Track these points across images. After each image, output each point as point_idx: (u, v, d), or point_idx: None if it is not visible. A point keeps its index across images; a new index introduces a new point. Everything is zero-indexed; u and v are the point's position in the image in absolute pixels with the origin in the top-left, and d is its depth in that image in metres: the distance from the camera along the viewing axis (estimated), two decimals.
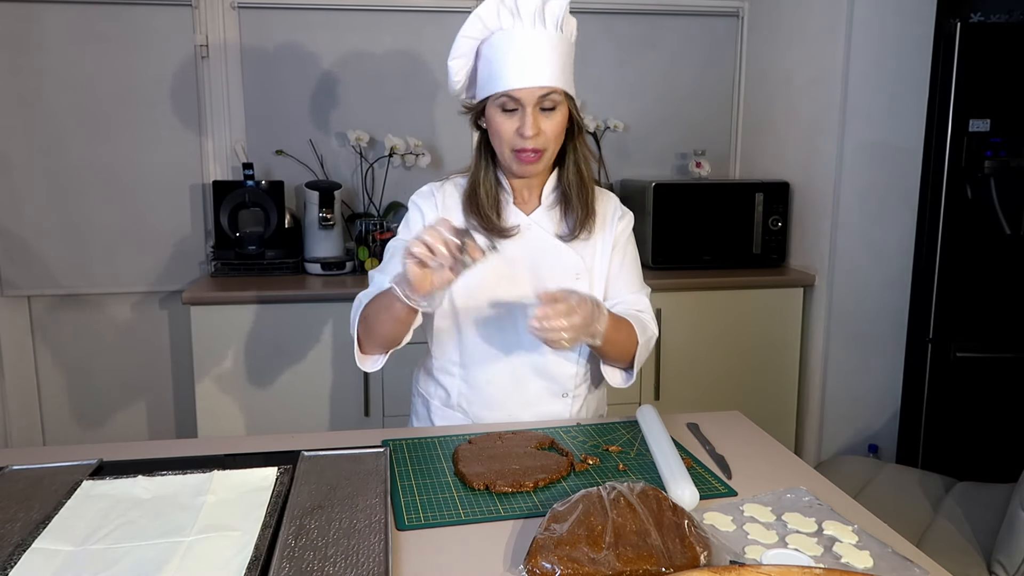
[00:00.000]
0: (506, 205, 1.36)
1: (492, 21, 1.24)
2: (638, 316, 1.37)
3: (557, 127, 1.27)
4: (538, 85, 1.22)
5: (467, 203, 1.35)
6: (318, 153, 2.75)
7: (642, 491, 0.91)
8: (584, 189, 1.35)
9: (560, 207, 1.37)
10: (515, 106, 1.24)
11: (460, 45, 1.28)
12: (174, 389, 2.79)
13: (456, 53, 1.29)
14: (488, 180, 1.34)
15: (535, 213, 1.36)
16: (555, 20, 1.23)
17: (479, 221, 1.32)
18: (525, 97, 1.22)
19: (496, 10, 1.23)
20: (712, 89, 2.98)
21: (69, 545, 0.88)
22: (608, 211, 1.41)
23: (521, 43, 1.22)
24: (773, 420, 2.58)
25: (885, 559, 0.86)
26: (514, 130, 1.25)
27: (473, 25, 1.25)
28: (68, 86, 2.58)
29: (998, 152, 2.24)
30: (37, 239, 2.63)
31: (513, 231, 1.33)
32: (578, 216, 1.34)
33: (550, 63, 1.23)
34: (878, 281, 2.47)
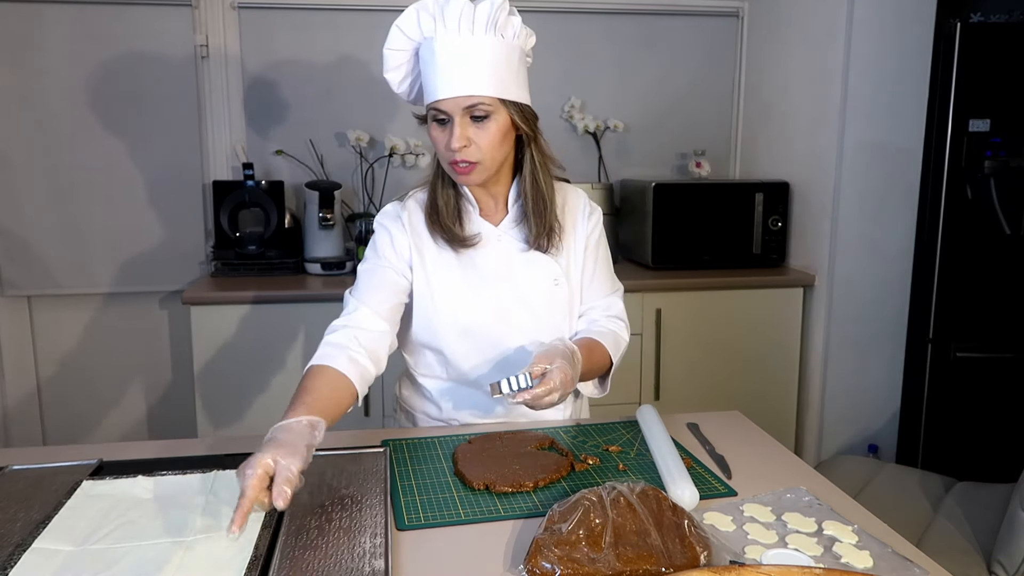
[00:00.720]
0: (471, 217, 1.31)
1: (413, 30, 1.20)
2: (611, 330, 1.36)
3: (491, 137, 1.20)
4: (462, 95, 1.16)
5: (429, 217, 1.30)
6: (318, 153, 2.75)
7: (642, 491, 0.91)
8: (542, 202, 1.30)
9: (526, 218, 1.32)
10: (445, 117, 1.19)
11: (388, 58, 1.24)
12: (174, 389, 2.79)
13: (388, 66, 1.25)
14: (446, 191, 1.30)
15: (503, 223, 1.32)
16: (486, 24, 1.17)
17: (442, 233, 1.29)
18: (451, 108, 1.17)
19: (416, 18, 1.19)
20: (712, 89, 2.98)
21: (69, 545, 0.88)
22: (577, 209, 1.38)
23: (444, 51, 1.17)
24: (773, 420, 2.58)
25: (885, 559, 0.86)
26: (445, 142, 1.20)
27: (394, 37, 1.22)
28: (68, 86, 2.58)
29: (998, 152, 2.24)
30: (37, 239, 2.63)
31: (474, 240, 1.29)
32: (537, 230, 1.30)
33: (477, 70, 1.16)
34: (878, 281, 2.47)
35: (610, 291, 1.42)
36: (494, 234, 1.31)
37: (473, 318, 1.30)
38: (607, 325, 1.37)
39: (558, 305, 1.33)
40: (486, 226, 1.32)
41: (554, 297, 1.32)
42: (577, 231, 1.37)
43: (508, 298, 1.30)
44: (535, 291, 1.31)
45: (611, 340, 1.34)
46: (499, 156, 1.24)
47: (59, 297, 2.69)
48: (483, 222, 1.32)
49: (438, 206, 1.29)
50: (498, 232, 1.32)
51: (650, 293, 2.47)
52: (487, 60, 1.17)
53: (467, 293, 1.30)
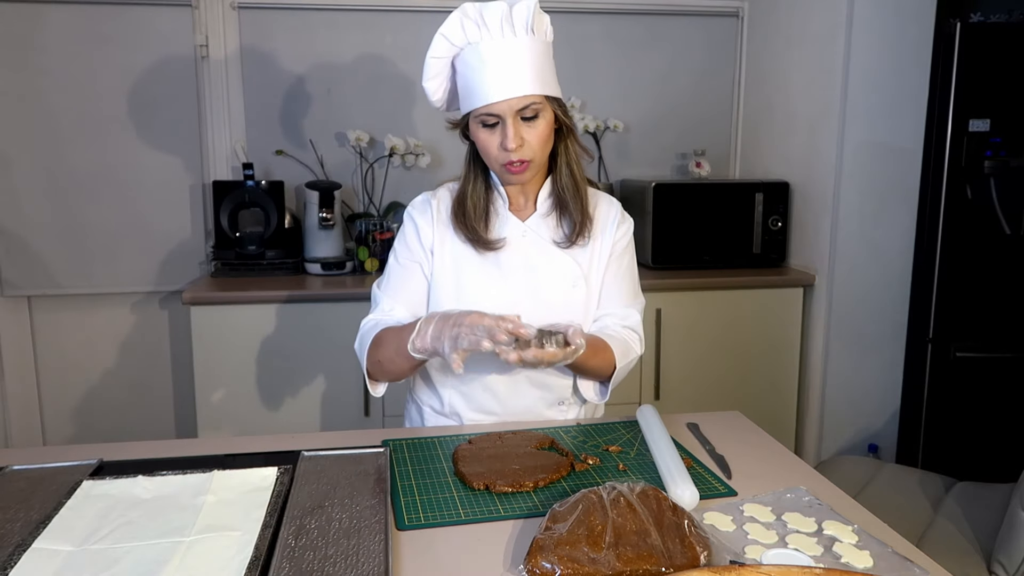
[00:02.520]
0: (500, 213, 1.34)
1: (458, 37, 1.22)
2: (623, 337, 1.35)
3: (541, 135, 1.24)
4: (515, 96, 1.19)
5: (455, 214, 1.33)
6: (318, 153, 2.75)
7: (642, 491, 0.91)
8: (579, 192, 1.33)
9: (556, 212, 1.34)
10: (495, 120, 1.22)
11: (431, 66, 1.26)
12: (174, 389, 2.79)
13: (429, 74, 1.27)
14: (477, 192, 1.32)
15: (531, 219, 1.34)
16: (524, 24, 1.20)
17: (465, 232, 1.31)
18: (503, 110, 1.20)
19: (460, 25, 1.20)
20: (712, 89, 2.98)
21: (69, 545, 0.88)
22: (609, 216, 1.38)
23: (492, 55, 1.19)
24: (773, 420, 2.58)
25: (885, 559, 0.86)
26: (498, 144, 1.22)
27: (439, 45, 1.23)
28: (68, 86, 2.58)
29: (998, 152, 2.24)
30: (37, 239, 2.63)
31: (499, 244, 1.31)
32: (575, 221, 1.32)
33: (524, 71, 1.20)
34: (878, 281, 2.47)
35: (630, 303, 1.41)
36: (520, 230, 1.33)
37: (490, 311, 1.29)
38: (620, 333, 1.36)
39: (575, 307, 1.33)
40: (513, 221, 1.34)
41: (571, 298, 1.33)
42: (605, 236, 1.37)
43: (525, 296, 1.31)
44: (553, 291, 1.32)
45: (620, 346, 1.32)
46: (547, 151, 1.28)
47: (59, 297, 2.69)
48: (511, 217, 1.34)
49: (466, 206, 1.32)
50: (524, 228, 1.33)
51: (650, 293, 2.45)
52: (531, 60, 1.21)
53: (485, 287, 1.31)
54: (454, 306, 1.30)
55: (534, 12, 1.20)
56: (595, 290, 1.36)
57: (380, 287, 1.37)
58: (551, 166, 1.34)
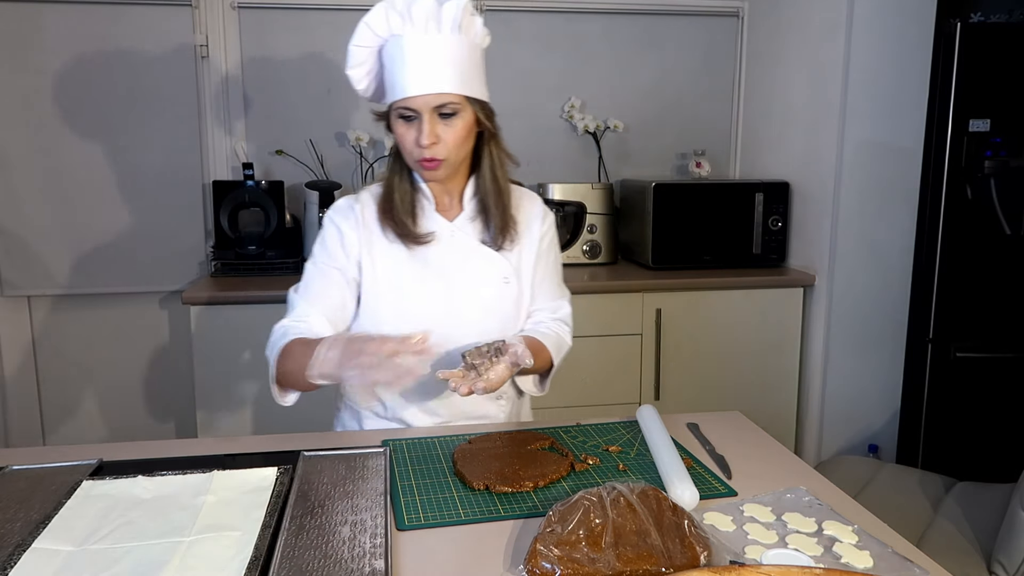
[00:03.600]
0: (426, 212, 1.33)
1: (381, 27, 1.20)
2: (555, 332, 1.38)
3: (458, 135, 1.22)
4: (432, 92, 1.18)
5: (382, 210, 1.31)
6: (318, 153, 2.75)
7: (642, 491, 0.91)
8: (501, 198, 1.32)
9: (483, 215, 1.34)
10: (412, 114, 1.20)
11: (353, 55, 1.24)
12: (174, 389, 2.79)
13: (352, 63, 1.25)
14: (403, 186, 1.31)
15: (458, 219, 1.34)
16: (451, 22, 1.19)
17: (394, 228, 1.29)
18: (420, 105, 1.19)
19: (384, 16, 1.19)
20: (712, 89, 2.98)
21: (69, 545, 0.88)
22: (532, 213, 1.39)
23: (413, 49, 1.18)
24: (773, 420, 2.58)
25: (885, 559, 0.86)
26: (413, 139, 1.22)
27: (362, 33, 1.22)
28: (68, 86, 2.58)
29: (998, 152, 2.24)
30: (37, 239, 2.63)
31: (427, 238, 1.30)
32: (498, 226, 1.32)
33: (445, 68, 1.19)
34: (878, 281, 2.47)
35: (559, 294, 1.45)
36: (448, 230, 1.32)
37: (420, 313, 1.29)
38: (552, 327, 1.40)
39: (507, 303, 1.34)
40: (441, 221, 1.33)
41: (503, 295, 1.34)
42: (532, 233, 1.38)
43: (457, 294, 1.31)
44: (485, 288, 1.32)
45: (554, 341, 1.36)
46: (463, 153, 1.27)
47: (59, 297, 2.69)
48: (438, 217, 1.33)
49: (393, 200, 1.30)
50: (452, 228, 1.33)
51: (650, 293, 2.47)
52: (454, 58, 1.20)
53: (415, 288, 1.30)
54: (391, 310, 1.29)
55: (463, 11, 1.19)
56: (526, 286, 1.37)
57: (296, 291, 1.33)
58: (475, 168, 1.33)
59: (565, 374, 2.44)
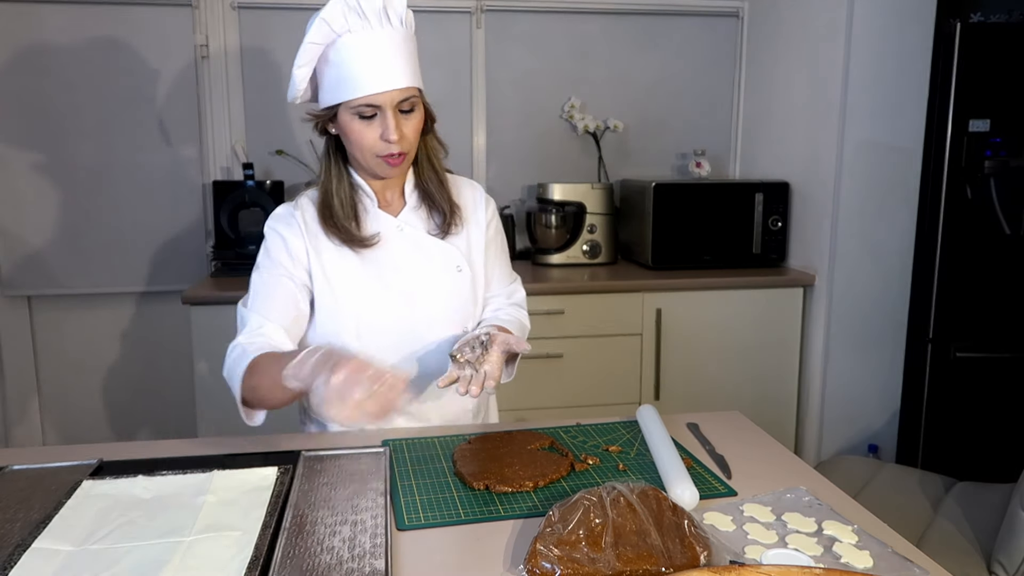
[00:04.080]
0: (369, 211, 1.30)
1: (339, 24, 1.17)
2: (517, 318, 1.39)
3: (417, 127, 1.24)
4: (397, 88, 1.18)
5: (322, 216, 1.27)
6: (318, 153, 2.74)
7: (642, 491, 0.91)
8: (442, 184, 1.33)
9: (425, 205, 1.34)
10: (373, 112, 1.19)
11: (307, 51, 1.20)
12: (174, 389, 2.79)
13: (302, 60, 1.21)
14: (342, 190, 1.28)
15: (403, 213, 1.32)
16: (399, 17, 1.19)
17: (338, 235, 1.26)
18: (384, 101, 1.18)
19: (342, 12, 1.16)
20: (712, 89, 2.98)
21: (69, 545, 0.88)
22: (475, 199, 1.39)
23: (372, 45, 1.17)
24: (773, 420, 2.58)
25: (885, 559, 0.86)
26: (376, 136, 1.20)
27: (319, 30, 1.17)
28: (68, 86, 2.58)
29: (998, 152, 2.24)
30: (37, 239, 2.63)
31: (373, 240, 1.28)
32: (443, 211, 1.32)
33: (404, 63, 1.19)
34: (878, 281, 2.47)
35: (510, 278, 1.46)
36: (394, 225, 1.31)
37: (379, 315, 1.28)
38: (512, 312, 1.40)
39: (462, 291, 1.33)
40: (385, 218, 1.31)
41: (458, 284, 1.33)
42: (477, 218, 1.38)
43: (413, 290, 1.29)
44: (439, 279, 1.31)
45: (517, 327, 1.36)
46: (417, 145, 1.28)
47: (59, 297, 2.69)
48: (382, 214, 1.31)
49: (332, 206, 1.27)
50: (398, 223, 1.31)
51: (650, 293, 2.47)
52: (407, 52, 1.20)
53: (371, 291, 1.28)
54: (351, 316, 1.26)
55: (404, 3, 1.20)
56: (479, 272, 1.36)
57: (246, 305, 1.28)
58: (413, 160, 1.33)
59: (566, 376, 2.45)
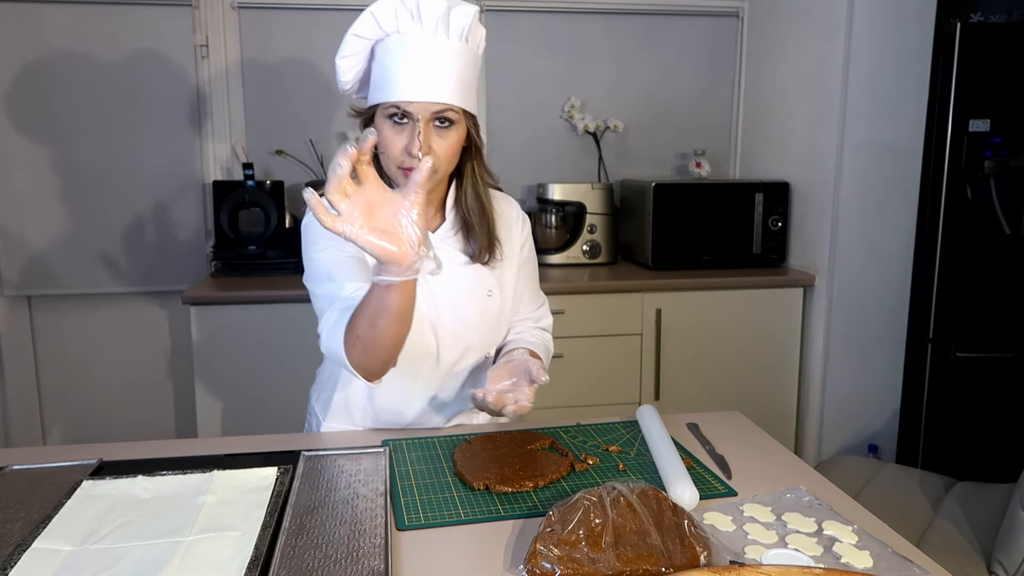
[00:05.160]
0: None
1: (388, 22, 1.11)
2: (543, 341, 1.38)
3: (451, 147, 1.15)
4: (434, 100, 1.10)
5: None
6: (318, 153, 2.75)
7: (642, 491, 0.91)
8: (485, 216, 1.25)
9: (463, 229, 1.27)
10: (405, 119, 1.12)
11: (350, 43, 1.15)
12: (174, 389, 2.79)
13: (345, 51, 1.16)
14: None
15: (440, 230, 1.26)
16: (460, 30, 1.12)
17: None
18: (418, 110, 1.10)
19: (393, 10, 1.10)
20: (712, 89, 2.98)
21: (69, 545, 0.88)
22: (511, 218, 1.34)
23: (419, 50, 1.10)
24: (773, 420, 2.58)
25: (885, 559, 0.86)
26: (402, 146, 1.12)
27: (365, 23, 1.12)
28: (69, 86, 2.58)
29: (998, 152, 2.24)
30: (37, 239, 2.63)
31: None
32: (481, 244, 1.25)
33: (450, 77, 1.11)
34: (878, 281, 2.47)
35: (538, 302, 1.43)
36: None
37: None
38: (539, 336, 1.39)
39: (490, 317, 1.29)
40: None
41: (487, 308, 1.28)
42: (512, 241, 1.33)
43: (441, 309, 1.25)
44: (468, 303, 1.27)
45: (543, 351, 1.36)
46: (452, 166, 1.20)
47: (59, 297, 2.69)
48: None
49: None
50: (433, 239, 1.25)
51: (650, 293, 2.47)
52: (458, 68, 1.13)
53: None
54: None
55: (473, 20, 1.12)
56: (508, 297, 1.32)
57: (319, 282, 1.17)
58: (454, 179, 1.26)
59: (566, 376, 2.44)
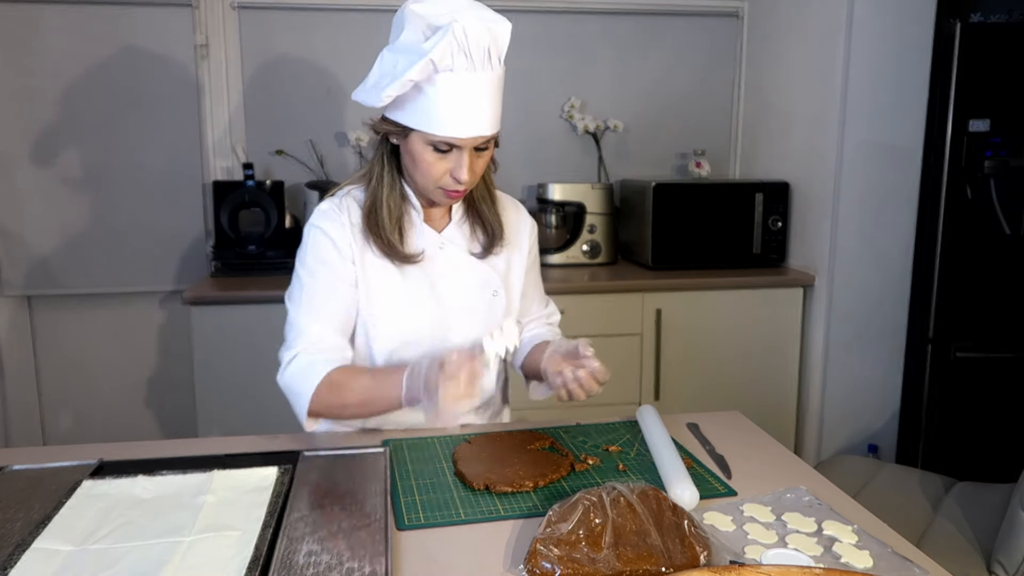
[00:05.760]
0: (415, 224, 1.27)
1: (445, 63, 1.11)
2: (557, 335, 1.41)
3: (487, 163, 1.23)
4: (480, 135, 1.15)
5: (366, 224, 1.23)
6: (318, 153, 2.75)
7: (642, 491, 0.91)
8: (493, 202, 1.31)
9: (469, 223, 1.31)
10: (449, 148, 1.16)
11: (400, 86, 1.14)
12: (174, 389, 2.79)
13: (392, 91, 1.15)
14: (393, 198, 1.24)
15: (447, 230, 1.29)
16: (500, 56, 1.15)
17: (379, 245, 1.23)
18: (465, 143, 1.15)
19: (451, 53, 1.10)
20: (712, 89, 2.98)
21: (69, 545, 0.88)
22: (519, 219, 1.37)
23: (468, 88, 1.12)
24: (773, 420, 2.58)
25: (885, 559, 0.86)
26: (446, 169, 1.17)
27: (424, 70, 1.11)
28: (68, 86, 2.57)
29: (998, 152, 2.24)
30: (37, 239, 2.63)
31: (417, 258, 1.25)
32: (490, 231, 1.30)
33: (492, 108, 1.16)
34: (878, 281, 2.47)
35: (544, 302, 1.47)
36: (436, 242, 1.28)
37: (411, 329, 1.27)
38: (552, 331, 1.43)
39: (495, 316, 1.31)
40: (429, 234, 1.28)
41: (492, 307, 1.31)
42: (521, 243, 1.36)
43: (447, 308, 1.28)
44: (474, 302, 1.29)
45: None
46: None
47: (59, 297, 2.69)
48: (426, 229, 1.28)
49: (380, 215, 1.23)
50: (440, 240, 1.28)
51: (650, 293, 2.47)
52: (497, 95, 1.17)
53: (407, 304, 1.26)
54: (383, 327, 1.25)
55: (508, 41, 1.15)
56: (515, 297, 1.35)
57: (298, 306, 1.25)
58: None
59: None
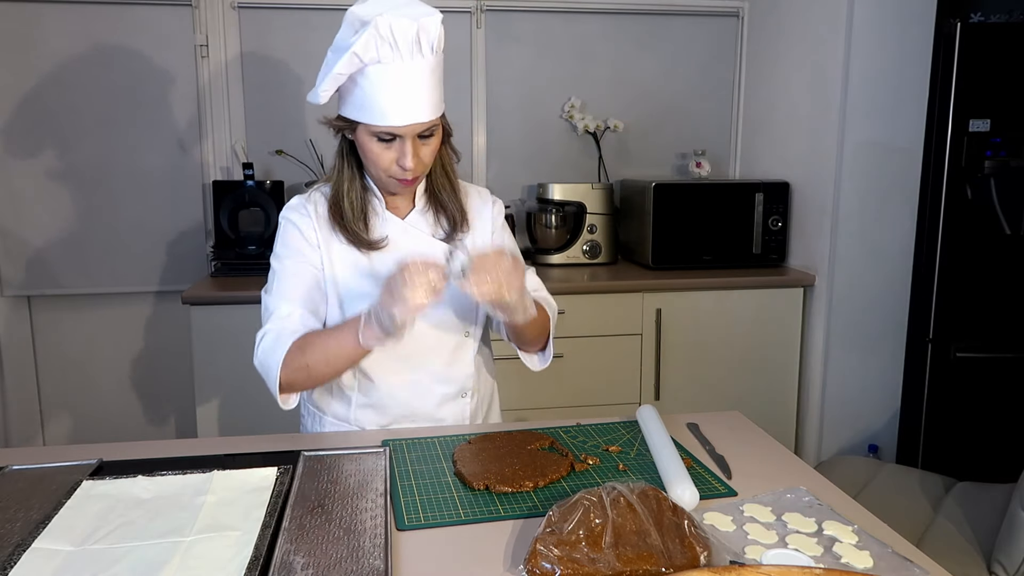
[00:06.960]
0: (378, 213, 1.31)
1: (370, 55, 1.15)
2: (544, 297, 1.39)
3: (434, 150, 1.25)
4: (418, 121, 1.18)
5: (332, 215, 1.29)
6: (318, 153, 2.75)
7: (642, 491, 0.91)
8: (454, 190, 1.34)
9: (433, 211, 1.35)
10: (392, 137, 1.20)
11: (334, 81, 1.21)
12: (174, 389, 2.79)
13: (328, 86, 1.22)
14: (354, 190, 1.30)
15: (410, 216, 1.34)
16: (431, 44, 1.17)
17: (345, 235, 1.28)
18: (405, 132, 1.18)
19: (375, 44, 1.14)
20: (712, 89, 2.98)
21: (69, 545, 0.88)
22: (482, 201, 1.40)
23: (399, 78, 1.16)
24: (773, 420, 2.58)
25: (885, 559, 0.86)
26: (392, 159, 1.21)
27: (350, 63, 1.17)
28: (68, 86, 2.58)
29: (998, 152, 2.24)
30: (37, 239, 2.63)
31: (382, 244, 1.29)
32: (452, 218, 1.33)
33: (430, 94, 1.18)
34: (878, 281, 2.47)
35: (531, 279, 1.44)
36: (400, 228, 1.32)
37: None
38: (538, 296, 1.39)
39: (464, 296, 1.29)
40: (392, 220, 1.32)
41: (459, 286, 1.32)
42: (483, 217, 1.39)
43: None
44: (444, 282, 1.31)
45: (544, 302, 1.36)
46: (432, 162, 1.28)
47: (59, 297, 2.69)
48: (389, 215, 1.32)
49: (342, 207, 1.29)
50: (404, 226, 1.32)
51: (650, 293, 2.47)
52: (434, 82, 1.19)
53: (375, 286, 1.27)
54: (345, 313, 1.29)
55: (440, 30, 1.17)
56: None
57: (270, 293, 1.31)
58: None
59: (566, 376, 2.45)
